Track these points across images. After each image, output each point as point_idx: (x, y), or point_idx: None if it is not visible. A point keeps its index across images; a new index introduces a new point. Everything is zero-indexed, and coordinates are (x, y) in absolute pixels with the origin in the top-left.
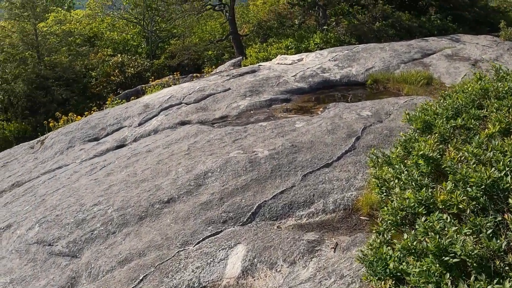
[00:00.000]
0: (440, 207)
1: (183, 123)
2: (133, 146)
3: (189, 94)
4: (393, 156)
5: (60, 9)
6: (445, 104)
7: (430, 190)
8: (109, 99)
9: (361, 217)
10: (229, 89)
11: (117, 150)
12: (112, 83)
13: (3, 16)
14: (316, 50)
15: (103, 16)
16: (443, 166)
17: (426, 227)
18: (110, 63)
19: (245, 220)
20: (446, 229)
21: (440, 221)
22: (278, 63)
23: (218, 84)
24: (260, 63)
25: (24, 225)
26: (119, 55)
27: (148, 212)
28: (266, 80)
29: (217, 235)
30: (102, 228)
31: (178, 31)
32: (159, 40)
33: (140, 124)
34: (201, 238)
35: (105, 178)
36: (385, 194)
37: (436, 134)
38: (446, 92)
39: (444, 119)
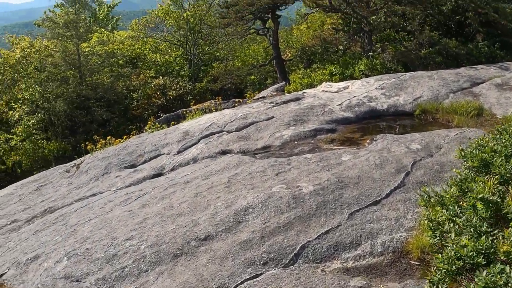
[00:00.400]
0: (502, 258)
1: (223, 152)
2: (171, 175)
3: (231, 121)
4: (447, 196)
5: (103, 30)
6: (503, 140)
7: (490, 238)
8: (149, 122)
9: (411, 262)
10: (273, 117)
11: (154, 179)
12: (154, 106)
13: (46, 35)
14: (362, 77)
15: (145, 38)
16: (504, 211)
17: (488, 282)
18: (152, 85)
19: (287, 262)
20: (509, 284)
21: (503, 274)
22: (323, 91)
23: (261, 112)
24: (304, 90)
25: (52, 257)
26: (161, 78)
27: (184, 250)
28: (310, 108)
29: (257, 278)
30: (133, 265)
31: (221, 54)
32: (201, 63)
33: (179, 152)
34: (240, 281)
35: (140, 210)
36: (438, 238)
37: (496, 175)
38: (502, 126)
39: (503, 157)
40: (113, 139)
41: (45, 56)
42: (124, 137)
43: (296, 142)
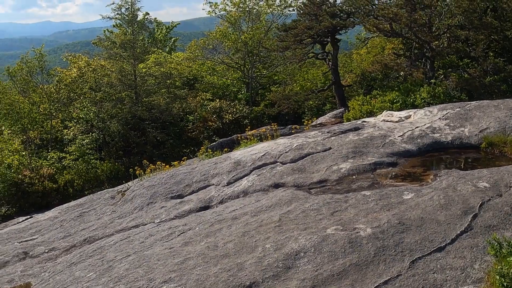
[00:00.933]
0: None
1: (276, 185)
2: (218, 209)
3: (286, 152)
4: None
5: (161, 51)
6: None
7: None
8: (201, 148)
9: None
10: (330, 148)
11: (201, 212)
12: (209, 129)
13: (102, 55)
14: (423, 105)
15: (203, 59)
16: None
17: None
18: (208, 108)
19: None
20: None
21: None
22: (383, 120)
23: (317, 142)
24: (364, 119)
25: None
26: (217, 100)
27: None
28: (370, 139)
29: None
30: None
31: (279, 78)
32: (259, 87)
33: (228, 184)
34: None
35: (182, 248)
36: None
37: None
38: None
39: None
40: (163, 165)
41: (101, 76)
42: (175, 162)
43: (354, 177)
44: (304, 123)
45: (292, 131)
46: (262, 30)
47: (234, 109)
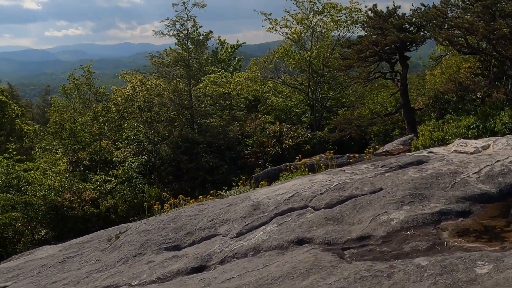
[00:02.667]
0: None
1: (300, 241)
2: (212, 274)
3: (321, 193)
4: None
5: (222, 70)
6: None
7: None
8: (243, 178)
9: None
10: (380, 189)
11: (189, 276)
12: (268, 154)
13: (153, 73)
14: (505, 131)
15: (263, 80)
16: None
17: None
18: (268, 132)
19: None
20: None
21: None
22: (455, 151)
23: (365, 180)
24: (430, 149)
25: None
26: (277, 124)
27: None
28: (436, 177)
29: None
30: None
31: (347, 100)
32: (324, 110)
33: (239, 235)
34: None
35: None
36: None
37: None
38: None
39: None
40: (188, 198)
41: (154, 95)
42: (200, 197)
43: (408, 232)
44: (366, 151)
45: (351, 160)
46: (328, 48)
47: (295, 134)
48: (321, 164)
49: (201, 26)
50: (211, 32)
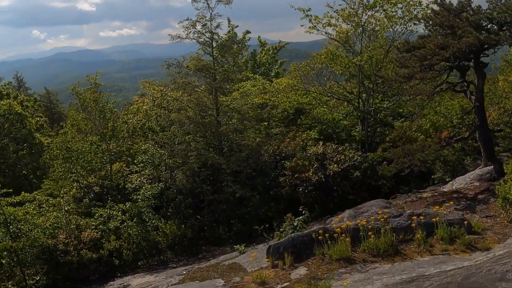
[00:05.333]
0: None
1: None
2: None
3: None
4: None
5: (258, 77)
6: None
7: None
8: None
9: None
10: None
11: None
12: (308, 182)
13: (169, 85)
14: None
15: (305, 89)
16: None
17: None
18: (309, 154)
19: None
20: None
21: None
22: None
23: None
24: None
25: None
26: (320, 144)
27: None
28: None
29: None
30: None
31: (404, 110)
32: (377, 124)
33: None
34: None
35: None
36: None
37: None
38: None
39: None
40: None
41: (173, 110)
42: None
43: None
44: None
45: (413, 223)
46: (381, 50)
47: (342, 156)
48: (369, 233)
49: (237, 26)
50: (248, 32)
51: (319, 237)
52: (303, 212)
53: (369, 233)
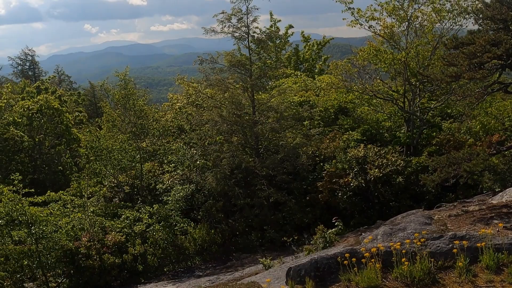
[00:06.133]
0: None
1: None
2: None
3: None
4: None
5: (300, 73)
6: None
7: None
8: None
9: None
10: None
11: None
12: (347, 188)
13: (202, 82)
14: None
15: (347, 87)
16: None
17: None
18: (349, 157)
19: None
20: None
21: None
22: None
23: None
24: None
25: None
26: (361, 146)
27: None
28: None
29: None
30: None
31: (452, 110)
32: (424, 126)
33: None
34: None
35: None
36: None
37: None
38: None
39: None
40: None
41: (211, 108)
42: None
43: None
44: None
45: (454, 249)
46: (428, 46)
47: (384, 160)
48: (403, 259)
49: (279, 20)
50: (291, 26)
51: (345, 259)
52: (336, 224)
53: (403, 259)
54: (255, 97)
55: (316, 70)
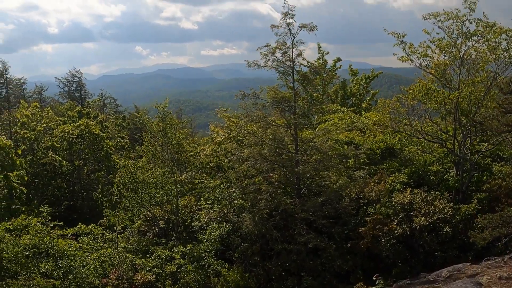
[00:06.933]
0: None
1: None
2: None
3: None
4: None
5: (346, 110)
6: None
7: None
8: None
9: None
10: None
11: None
12: (391, 235)
13: (243, 117)
14: None
15: (395, 128)
16: None
17: None
18: (394, 202)
19: None
20: None
21: None
22: None
23: None
24: None
25: None
26: (408, 191)
27: None
28: None
29: None
30: None
31: (505, 153)
32: (475, 171)
33: None
34: None
35: None
36: None
37: None
38: None
39: None
40: None
41: (251, 144)
42: None
43: None
44: None
45: None
46: (482, 86)
47: (431, 207)
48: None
49: (327, 53)
50: (339, 59)
51: None
52: (377, 282)
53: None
54: (298, 134)
55: (364, 105)
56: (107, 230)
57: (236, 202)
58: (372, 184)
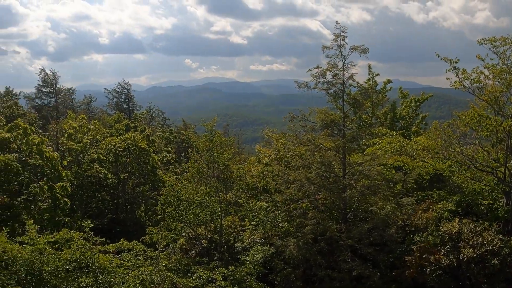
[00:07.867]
0: None
1: None
2: None
3: None
4: None
5: (395, 133)
6: None
7: None
8: None
9: None
10: None
11: None
12: (437, 266)
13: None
14: None
15: (443, 154)
16: None
17: None
18: (441, 232)
19: None
20: None
21: None
22: None
23: None
24: None
25: None
26: (456, 221)
27: None
28: None
29: None
30: None
31: None
32: None
33: None
34: None
35: None
36: None
37: None
38: None
39: None
40: None
41: (298, 167)
42: None
43: None
44: None
45: None
46: None
47: (480, 239)
48: None
49: (377, 74)
50: (389, 81)
51: None
52: None
53: None
54: (346, 158)
55: (413, 129)
56: (150, 248)
57: (281, 225)
58: (420, 212)
